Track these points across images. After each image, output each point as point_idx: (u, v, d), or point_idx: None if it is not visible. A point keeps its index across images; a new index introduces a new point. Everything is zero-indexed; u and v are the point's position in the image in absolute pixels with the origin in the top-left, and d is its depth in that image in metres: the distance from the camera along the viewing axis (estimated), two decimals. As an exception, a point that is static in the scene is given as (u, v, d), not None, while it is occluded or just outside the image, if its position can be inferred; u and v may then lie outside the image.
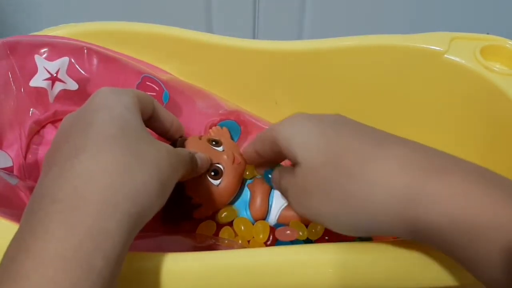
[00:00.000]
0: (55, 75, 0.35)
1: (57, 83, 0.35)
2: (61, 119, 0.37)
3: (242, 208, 0.32)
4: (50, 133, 0.36)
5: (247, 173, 0.33)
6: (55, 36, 0.36)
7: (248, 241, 0.32)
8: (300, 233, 0.31)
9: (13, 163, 0.32)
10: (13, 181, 0.29)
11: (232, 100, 0.42)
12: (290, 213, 0.32)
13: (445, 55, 0.37)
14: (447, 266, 0.24)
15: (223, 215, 0.32)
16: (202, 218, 0.32)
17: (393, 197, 0.21)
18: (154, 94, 0.38)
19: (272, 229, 0.32)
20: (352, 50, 0.39)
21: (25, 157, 0.33)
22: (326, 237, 0.34)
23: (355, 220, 0.23)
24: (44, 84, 0.34)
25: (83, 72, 0.36)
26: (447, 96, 0.38)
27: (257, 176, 0.34)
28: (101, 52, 0.37)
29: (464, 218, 0.20)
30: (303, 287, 0.24)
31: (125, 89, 0.26)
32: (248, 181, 0.33)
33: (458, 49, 0.37)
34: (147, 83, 0.37)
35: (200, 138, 0.32)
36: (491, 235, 0.19)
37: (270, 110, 0.42)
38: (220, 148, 0.32)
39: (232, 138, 0.41)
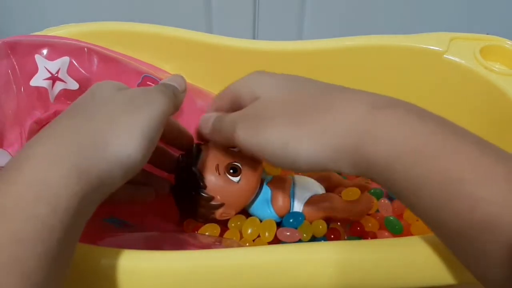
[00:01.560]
0: (55, 74, 0.35)
1: (58, 83, 0.35)
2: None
3: (265, 207, 0.32)
4: (50, 132, 0.36)
5: (266, 171, 0.33)
6: (55, 36, 0.36)
7: (253, 240, 0.32)
8: (305, 235, 0.31)
9: (13, 162, 0.32)
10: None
11: (232, 100, 0.42)
12: (312, 208, 0.32)
13: (445, 55, 0.37)
14: (447, 265, 0.24)
15: (233, 225, 0.32)
16: (225, 219, 0.32)
17: (347, 129, 0.22)
18: (155, 93, 0.38)
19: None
20: (352, 50, 0.39)
21: (25, 157, 0.33)
22: (332, 235, 0.35)
23: (306, 149, 0.23)
24: (44, 84, 0.34)
25: (83, 72, 0.36)
26: (446, 96, 0.38)
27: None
28: (101, 52, 0.37)
29: (407, 150, 0.21)
30: (303, 286, 0.24)
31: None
32: (267, 179, 0.33)
33: (458, 49, 0.37)
34: (148, 83, 0.37)
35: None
36: (430, 164, 0.20)
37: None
38: (236, 149, 0.32)
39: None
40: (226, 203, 0.31)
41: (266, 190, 0.32)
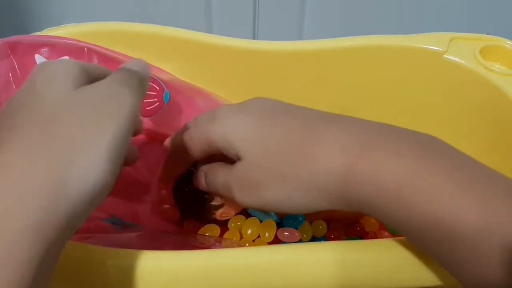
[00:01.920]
0: (55, 74, 0.35)
1: (58, 83, 0.35)
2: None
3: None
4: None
5: None
6: (55, 36, 0.36)
7: (253, 240, 0.32)
8: (305, 235, 0.31)
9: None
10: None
11: (232, 100, 0.42)
12: None
13: (445, 55, 0.37)
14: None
15: (233, 225, 0.32)
16: (225, 220, 0.32)
17: (333, 177, 0.23)
18: (155, 93, 0.38)
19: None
20: (352, 50, 0.39)
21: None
22: (332, 236, 0.35)
23: (306, 200, 0.24)
24: (44, 84, 0.34)
25: (83, 72, 0.36)
26: (446, 96, 0.38)
27: None
28: (101, 52, 0.36)
29: (392, 191, 0.21)
30: (303, 287, 0.24)
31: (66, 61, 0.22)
32: None
33: (458, 49, 0.37)
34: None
35: None
36: (412, 202, 0.21)
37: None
38: None
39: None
40: (226, 204, 0.30)
41: None
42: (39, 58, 0.34)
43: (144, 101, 0.38)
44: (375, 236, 0.36)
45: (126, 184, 0.38)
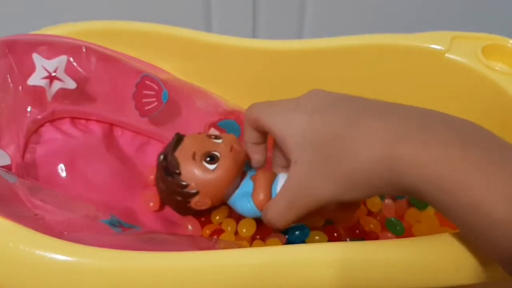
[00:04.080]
0: (53, 73, 0.34)
1: (55, 82, 0.35)
2: (59, 118, 0.36)
3: (244, 200, 0.32)
4: (48, 132, 0.36)
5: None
6: (53, 35, 0.36)
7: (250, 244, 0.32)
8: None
9: (11, 161, 0.31)
10: (12, 179, 0.29)
11: (231, 99, 0.42)
12: None
13: (446, 54, 0.37)
14: (448, 266, 0.24)
15: (217, 217, 0.32)
16: (202, 209, 0.32)
17: (378, 168, 0.24)
18: (154, 93, 0.38)
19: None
20: (353, 49, 0.39)
21: (23, 156, 0.33)
22: (335, 234, 0.34)
23: (358, 192, 0.25)
24: (42, 83, 0.34)
25: (81, 71, 0.35)
26: (448, 95, 0.38)
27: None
28: (99, 51, 0.36)
29: (438, 178, 0.22)
30: (303, 287, 0.24)
31: None
32: (251, 173, 0.33)
33: (460, 48, 0.37)
34: (147, 82, 0.37)
35: (199, 134, 0.33)
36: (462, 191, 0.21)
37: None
38: (219, 141, 0.32)
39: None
40: (201, 191, 0.30)
41: (248, 183, 0.32)
42: (37, 57, 0.34)
43: (143, 100, 0.38)
44: (377, 236, 0.36)
45: (126, 184, 0.37)
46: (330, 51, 0.39)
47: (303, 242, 0.35)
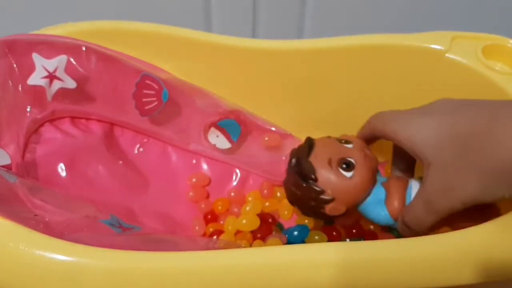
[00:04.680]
0: (53, 73, 0.34)
1: (55, 81, 0.35)
2: (59, 118, 0.36)
3: (378, 207, 0.31)
4: (48, 131, 0.36)
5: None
6: (53, 35, 0.36)
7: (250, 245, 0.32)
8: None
9: (11, 160, 0.31)
10: (12, 179, 0.29)
11: (232, 99, 0.42)
12: None
13: (446, 54, 0.37)
14: (448, 266, 0.24)
15: (230, 228, 0.33)
16: (336, 215, 0.31)
17: None
18: (154, 92, 0.38)
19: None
20: (353, 49, 0.38)
21: (23, 156, 0.33)
22: (334, 233, 0.34)
23: (502, 187, 0.25)
24: (42, 82, 0.34)
25: (81, 70, 0.35)
26: (448, 95, 0.38)
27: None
28: (99, 50, 0.36)
29: None
30: (303, 287, 0.24)
31: None
32: (382, 180, 0.32)
33: (460, 48, 0.37)
34: (147, 81, 0.37)
35: (329, 137, 0.32)
36: None
37: (270, 109, 0.42)
38: (350, 146, 0.32)
39: (231, 138, 0.41)
40: (336, 198, 0.30)
41: (380, 190, 0.31)
42: (36, 57, 0.34)
43: (143, 100, 0.38)
44: (375, 235, 0.36)
45: (126, 184, 0.37)
46: (330, 51, 0.39)
47: (303, 242, 0.35)
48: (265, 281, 0.23)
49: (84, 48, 0.35)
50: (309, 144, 0.31)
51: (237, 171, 0.42)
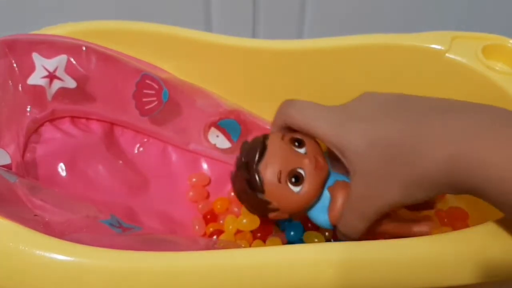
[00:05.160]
0: (53, 73, 0.34)
1: (55, 81, 0.35)
2: (59, 118, 0.36)
3: (321, 214, 0.31)
4: (48, 131, 0.36)
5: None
6: (53, 34, 0.36)
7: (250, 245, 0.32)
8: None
9: (11, 160, 0.31)
10: (12, 178, 0.29)
11: (232, 99, 0.42)
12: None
13: (446, 54, 0.37)
14: (448, 266, 0.24)
15: (230, 227, 0.33)
16: (276, 219, 0.32)
17: (441, 168, 0.24)
18: (154, 92, 0.38)
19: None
20: (353, 49, 0.38)
21: (23, 156, 0.33)
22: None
23: (421, 194, 0.25)
24: (42, 82, 0.34)
25: (81, 70, 0.35)
26: (448, 95, 0.38)
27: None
28: (99, 50, 0.36)
29: (495, 182, 0.22)
30: (303, 287, 0.24)
31: None
32: (329, 184, 0.31)
33: (460, 48, 0.37)
34: (147, 81, 0.37)
35: (282, 137, 0.31)
36: None
37: (270, 109, 0.42)
38: (302, 150, 0.31)
39: (231, 138, 0.41)
40: (281, 209, 0.30)
41: (326, 196, 0.31)
42: (36, 57, 0.34)
43: (143, 99, 0.38)
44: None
45: (126, 184, 0.37)
46: (330, 51, 0.39)
47: (301, 239, 0.35)
48: (265, 281, 0.23)
49: (84, 48, 0.35)
50: (261, 148, 0.30)
51: (237, 171, 0.42)
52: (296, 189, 0.29)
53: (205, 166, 0.42)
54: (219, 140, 0.41)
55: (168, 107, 0.38)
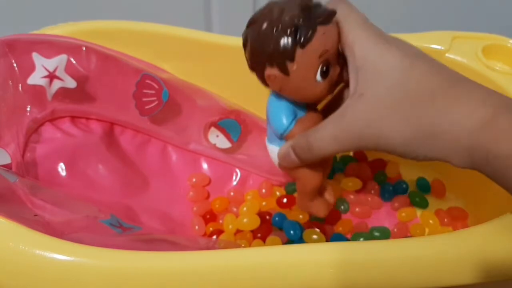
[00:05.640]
0: (53, 72, 0.34)
1: (55, 81, 0.35)
2: (59, 118, 0.36)
3: (290, 117, 0.28)
4: (48, 131, 0.35)
5: None
6: (53, 34, 0.36)
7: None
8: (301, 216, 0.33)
9: (11, 160, 0.31)
10: (12, 178, 0.29)
11: (231, 99, 0.42)
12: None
13: (447, 54, 0.37)
14: (448, 266, 0.24)
15: (230, 227, 0.33)
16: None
17: (469, 128, 0.22)
18: (154, 92, 0.38)
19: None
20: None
21: (23, 155, 0.33)
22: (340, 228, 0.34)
23: (428, 147, 0.24)
24: (42, 82, 0.34)
25: (81, 70, 0.35)
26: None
27: None
28: (99, 50, 0.36)
29: None
30: (304, 287, 0.24)
31: None
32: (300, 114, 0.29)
33: (460, 48, 0.37)
34: (147, 81, 0.37)
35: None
36: None
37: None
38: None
39: (231, 138, 0.41)
40: (286, 83, 0.27)
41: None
42: (36, 56, 0.34)
43: (143, 99, 0.38)
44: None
45: (126, 184, 0.37)
46: (330, 51, 0.38)
47: (301, 238, 0.35)
48: (265, 281, 0.23)
49: (84, 48, 0.35)
50: (332, 12, 0.25)
51: (237, 171, 0.42)
52: (319, 78, 0.26)
53: (205, 166, 0.42)
54: (219, 140, 0.41)
55: (168, 107, 0.38)
